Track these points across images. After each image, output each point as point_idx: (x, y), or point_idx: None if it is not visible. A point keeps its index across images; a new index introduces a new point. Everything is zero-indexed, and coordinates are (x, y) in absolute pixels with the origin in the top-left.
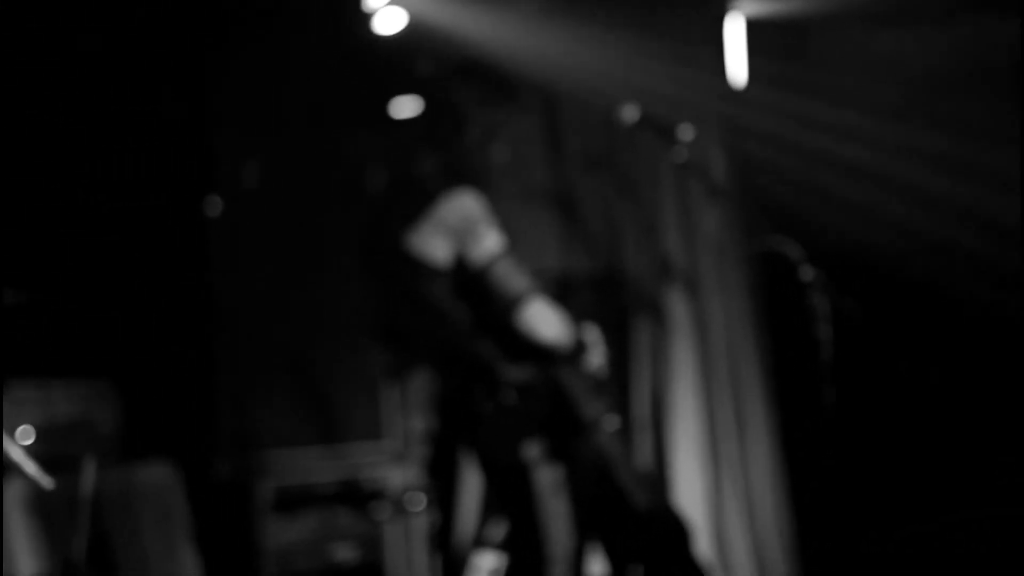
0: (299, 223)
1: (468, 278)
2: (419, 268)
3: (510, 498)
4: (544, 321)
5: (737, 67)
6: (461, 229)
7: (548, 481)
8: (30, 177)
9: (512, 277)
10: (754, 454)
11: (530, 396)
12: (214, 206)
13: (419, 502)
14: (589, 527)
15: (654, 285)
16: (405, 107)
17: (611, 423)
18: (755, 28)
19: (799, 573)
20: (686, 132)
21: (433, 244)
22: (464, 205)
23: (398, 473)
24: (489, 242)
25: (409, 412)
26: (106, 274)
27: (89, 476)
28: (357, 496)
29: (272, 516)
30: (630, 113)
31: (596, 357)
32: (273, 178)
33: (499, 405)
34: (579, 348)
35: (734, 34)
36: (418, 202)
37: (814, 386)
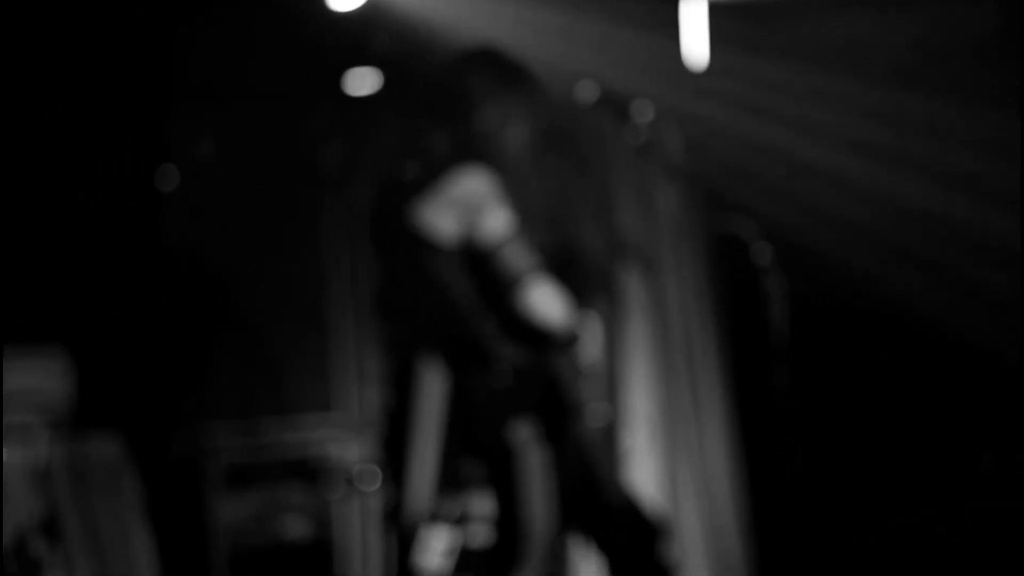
0: (253, 197)
1: (474, 256)
2: (425, 243)
3: (496, 477)
4: (544, 304)
5: (697, 49)
6: (470, 206)
7: (536, 462)
8: None
9: (517, 257)
10: (710, 437)
11: (523, 378)
12: (168, 178)
13: (372, 478)
14: (571, 515)
15: (610, 265)
16: (362, 83)
17: (598, 414)
18: (716, 10)
19: (755, 558)
20: (644, 111)
21: (440, 219)
22: (474, 182)
23: (351, 448)
24: (497, 221)
25: (364, 385)
26: (59, 243)
27: (42, 446)
28: (309, 471)
29: (223, 491)
30: (587, 91)
31: (593, 346)
32: (228, 152)
33: (492, 385)
34: (576, 335)
35: (695, 15)
36: (427, 177)
37: (769, 368)
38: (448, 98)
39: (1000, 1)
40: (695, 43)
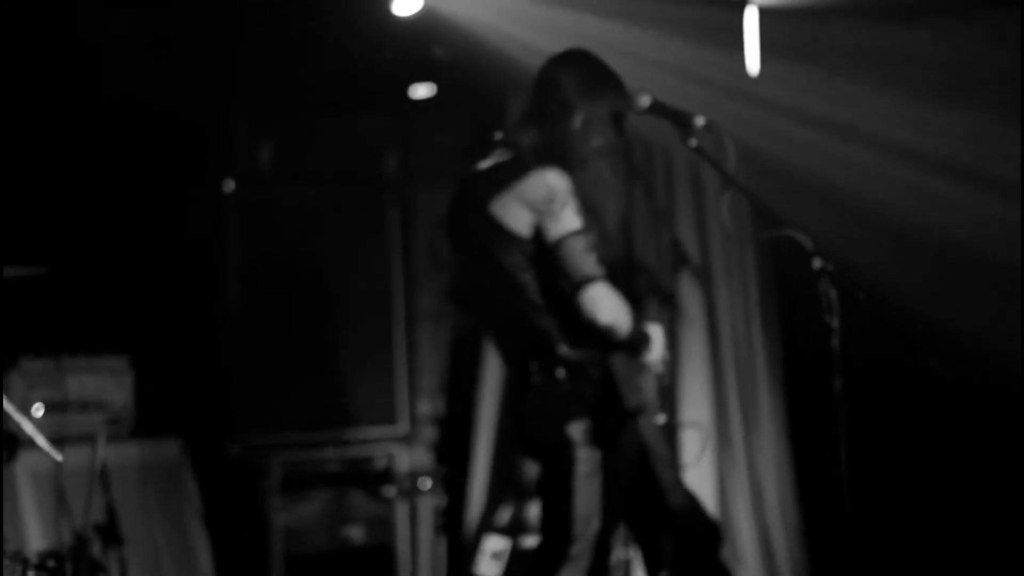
0: (315, 205)
1: (543, 253)
2: (500, 235)
3: (547, 474)
4: (602, 306)
5: (751, 57)
6: (541, 205)
7: (585, 463)
8: (48, 157)
9: (580, 258)
10: (762, 443)
11: (580, 377)
12: (230, 187)
13: (427, 484)
14: (619, 516)
15: (666, 272)
16: (421, 89)
17: (655, 419)
18: (769, 19)
19: (806, 562)
20: (699, 120)
21: (514, 215)
22: (547, 182)
23: (407, 455)
24: (564, 222)
25: (418, 396)
26: (123, 252)
27: (100, 451)
28: (366, 477)
29: (282, 496)
30: (644, 100)
31: (655, 353)
32: (289, 160)
33: (549, 381)
34: (638, 340)
35: (749, 24)
36: (508, 173)
37: (822, 377)
38: (539, 98)
39: None
40: (752, 51)
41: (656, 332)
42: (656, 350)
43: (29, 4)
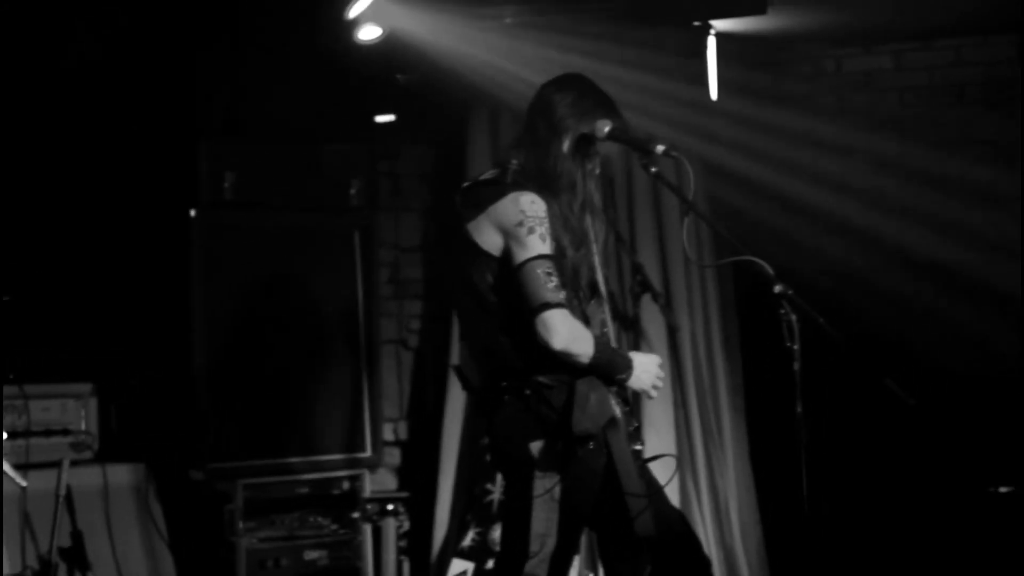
0: (279, 232)
1: (510, 275)
2: (474, 255)
3: (508, 491)
4: (556, 331)
5: (711, 83)
6: (510, 228)
7: (542, 482)
8: (12, 184)
9: (538, 284)
10: (725, 465)
11: (544, 398)
12: (194, 215)
13: (391, 509)
14: (576, 536)
15: (627, 297)
16: (384, 115)
17: (630, 446)
18: (730, 43)
19: None
20: (659, 147)
21: (487, 236)
22: (519, 206)
23: (371, 480)
24: (529, 247)
25: (382, 420)
26: (87, 280)
27: (64, 476)
28: (331, 502)
29: (247, 520)
30: (604, 126)
31: (639, 381)
32: (253, 186)
33: (517, 401)
34: (610, 366)
35: (709, 49)
36: (486, 193)
37: (785, 399)
38: (531, 121)
39: (1018, 41)
40: (712, 76)
41: (643, 359)
42: (641, 377)
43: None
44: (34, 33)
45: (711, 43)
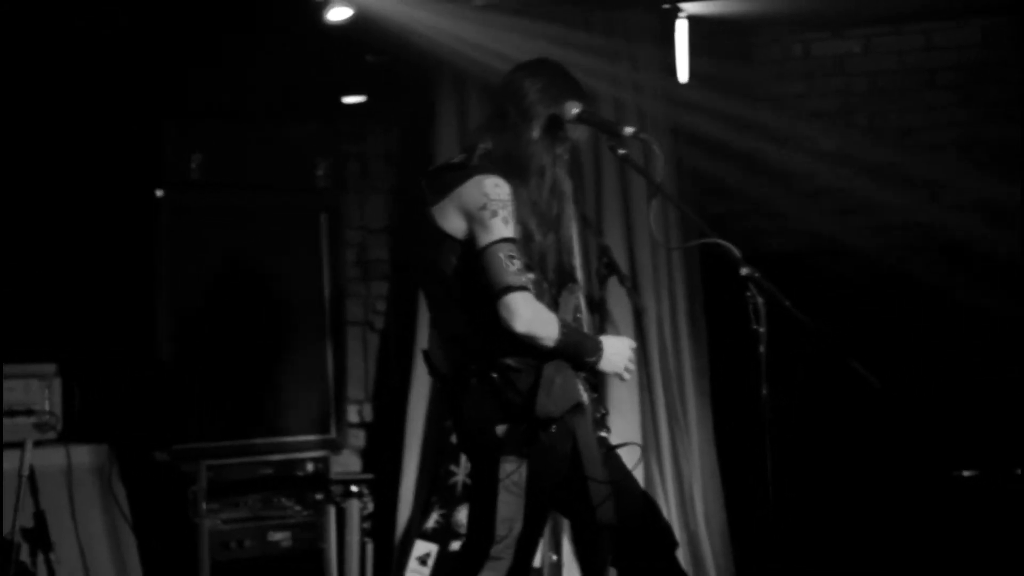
0: (246, 212)
1: (475, 258)
2: (440, 239)
3: (475, 475)
4: (519, 315)
5: (680, 66)
6: (474, 211)
7: (509, 466)
8: None
9: (501, 267)
10: (690, 449)
11: (510, 381)
12: (160, 194)
13: (355, 491)
14: (543, 520)
15: (594, 280)
16: (352, 96)
17: (596, 432)
18: (699, 28)
19: (732, 567)
20: (627, 129)
21: (451, 220)
22: (483, 189)
23: (335, 461)
24: (492, 230)
25: (347, 402)
26: (52, 259)
27: (28, 456)
28: (295, 483)
29: (210, 501)
30: (572, 109)
31: (609, 364)
32: (220, 167)
33: (484, 385)
34: (578, 350)
35: (678, 33)
36: (452, 177)
37: (750, 381)
38: (501, 106)
39: (984, 25)
40: (682, 58)
41: (614, 343)
42: (612, 360)
43: None
44: None
45: (680, 26)
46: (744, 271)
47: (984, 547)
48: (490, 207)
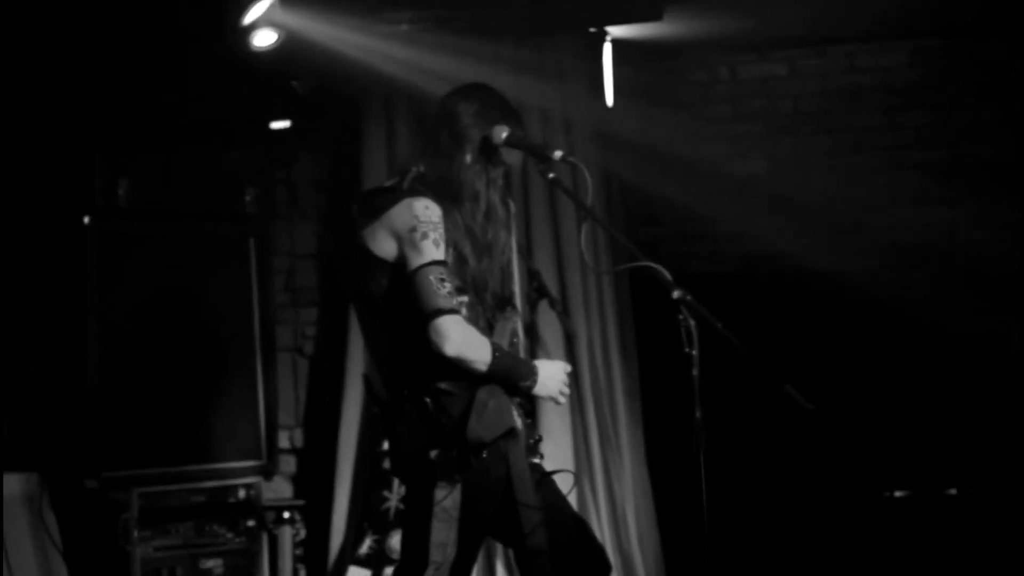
0: (174, 239)
1: (405, 281)
2: (370, 263)
3: (409, 500)
4: (449, 338)
5: (607, 89)
6: (404, 233)
7: (442, 491)
8: None
9: (431, 290)
10: (622, 471)
11: (443, 406)
12: (88, 222)
13: (287, 517)
14: (477, 545)
15: (524, 304)
16: (280, 122)
17: (529, 458)
18: (626, 51)
19: None
20: (556, 153)
21: (381, 243)
22: (413, 211)
23: (267, 488)
24: (423, 252)
25: (278, 428)
26: None
27: None
28: (227, 510)
29: (142, 529)
30: (501, 133)
31: (543, 388)
32: (148, 194)
33: (417, 409)
34: (511, 374)
35: (605, 57)
36: (382, 200)
37: (683, 404)
38: (434, 130)
39: (911, 47)
40: (608, 83)
41: (548, 367)
42: (547, 384)
43: None
44: None
45: (607, 49)
46: (676, 294)
47: (916, 567)
48: (420, 229)
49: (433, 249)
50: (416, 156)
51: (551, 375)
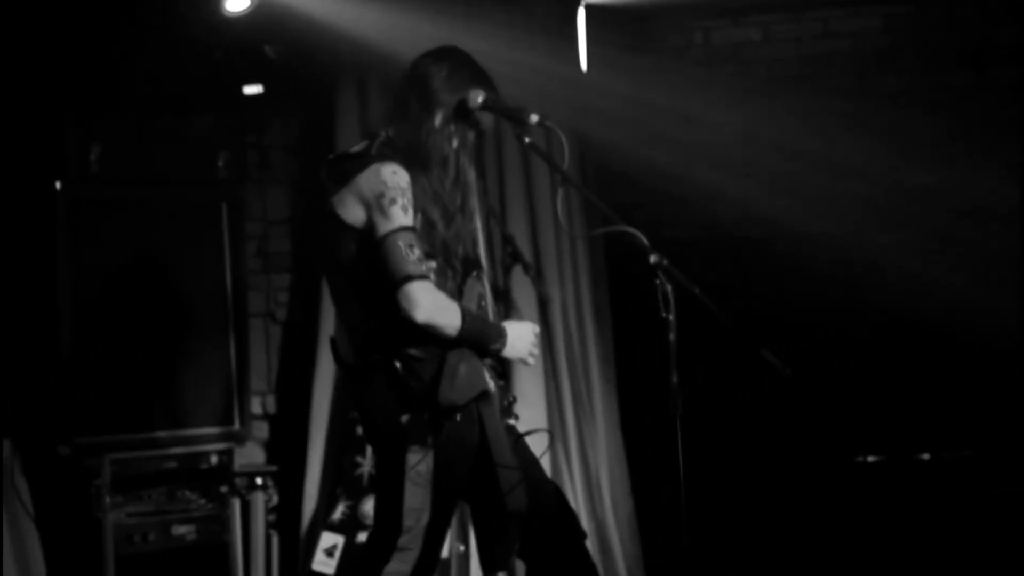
0: (146, 205)
1: (374, 248)
2: (340, 228)
3: (381, 466)
4: (418, 304)
5: (581, 53)
6: (372, 199)
7: (415, 456)
8: None
9: (400, 256)
10: (596, 437)
11: (413, 371)
12: (59, 187)
13: (260, 483)
14: (451, 510)
15: (498, 269)
16: (252, 87)
17: (504, 420)
18: (600, 15)
19: (640, 555)
20: (533, 117)
21: (350, 209)
22: (381, 177)
23: (239, 454)
24: (391, 218)
25: (250, 394)
26: None
27: None
28: (199, 476)
29: (114, 495)
30: (476, 96)
31: (514, 350)
32: (120, 159)
33: (388, 375)
34: (482, 337)
35: (579, 21)
36: (350, 166)
37: (658, 369)
38: (404, 94)
39: (885, 12)
40: (583, 47)
41: (517, 328)
42: (516, 346)
43: None
44: None
45: (581, 14)
46: (652, 259)
47: (888, 532)
48: (388, 194)
49: (401, 215)
50: (385, 120)
51: (519, 336)
